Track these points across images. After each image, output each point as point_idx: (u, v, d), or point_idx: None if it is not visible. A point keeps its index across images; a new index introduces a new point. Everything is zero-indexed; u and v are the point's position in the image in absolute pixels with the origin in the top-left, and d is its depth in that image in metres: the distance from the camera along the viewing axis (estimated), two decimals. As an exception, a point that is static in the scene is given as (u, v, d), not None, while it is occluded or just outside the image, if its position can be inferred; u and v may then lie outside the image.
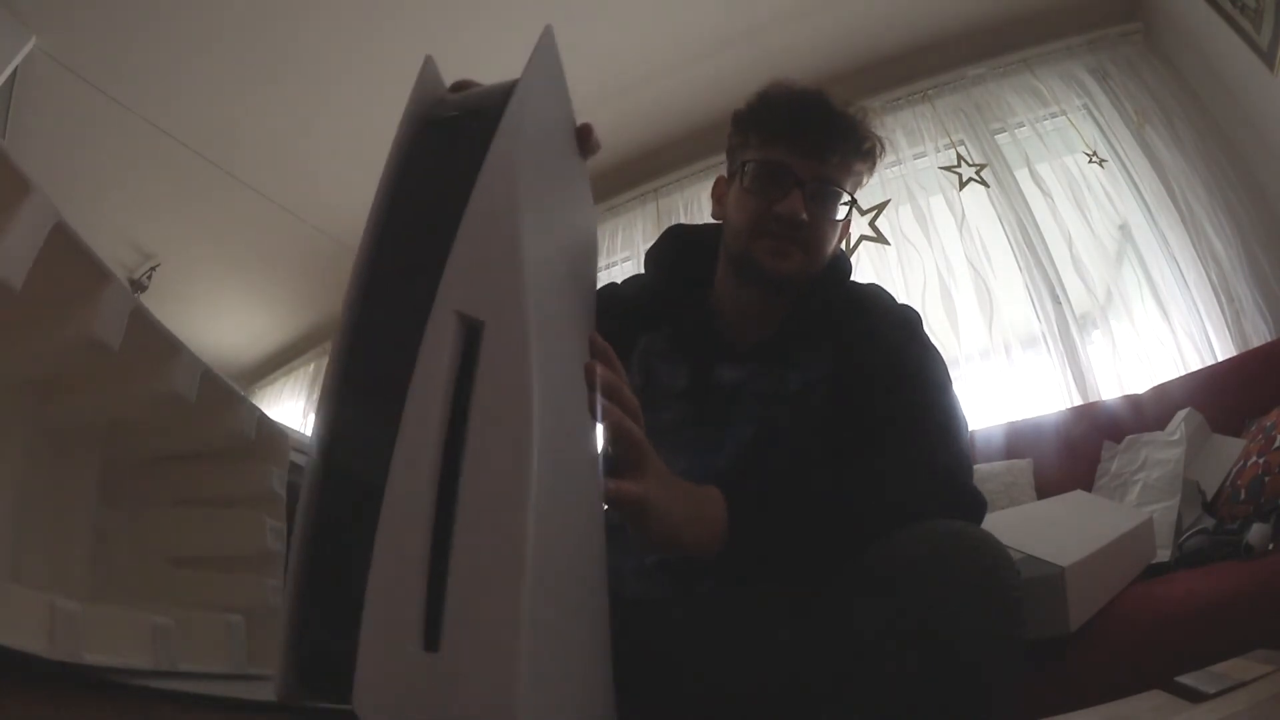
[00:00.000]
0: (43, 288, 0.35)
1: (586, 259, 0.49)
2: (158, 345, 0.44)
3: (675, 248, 0.85)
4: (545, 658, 0.26)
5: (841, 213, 0.76)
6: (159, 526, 0.51)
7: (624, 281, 0.90)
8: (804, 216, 0.72)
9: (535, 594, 0.25)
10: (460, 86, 0.48)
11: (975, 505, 0.64)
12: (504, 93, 0.32)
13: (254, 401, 0.55)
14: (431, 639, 0.24)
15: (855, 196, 0.78)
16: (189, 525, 0.53)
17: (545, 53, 0.37)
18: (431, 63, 0.38)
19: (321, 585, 0.25)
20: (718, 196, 0.83)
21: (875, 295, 0.81)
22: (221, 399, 0.50)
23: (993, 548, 0.53)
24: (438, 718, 0.23)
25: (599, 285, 0.68)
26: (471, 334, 0.26)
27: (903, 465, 0.64)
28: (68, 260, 0.36)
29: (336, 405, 0.27)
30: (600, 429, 0.44)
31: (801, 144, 0.73)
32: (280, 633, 0.26)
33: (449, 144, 0.33)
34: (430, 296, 0.26)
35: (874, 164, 0.78)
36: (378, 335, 0.28)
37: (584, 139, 0.53)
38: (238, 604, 0.50)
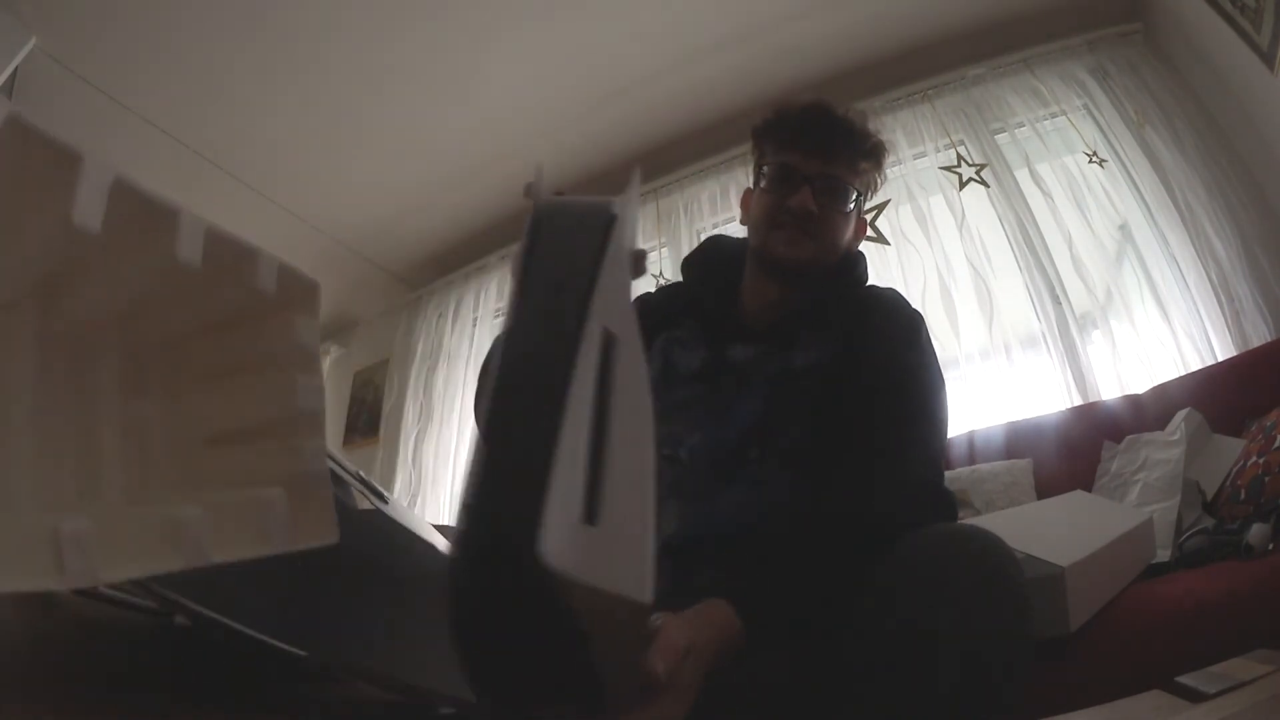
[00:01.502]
0: (6, 186, 0.32)
1: None
2: (150, 215, 0.39)
3: (709, 254, 0.93)
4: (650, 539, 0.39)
5: (850, 206, 0.83)
6: (187, 407, 0.47)
7: (656, 290, 0.98)
8: (813, 208, 0.80)
9: (652, 495, 0.39)
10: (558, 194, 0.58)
11: (950, 510, 0.70)
12: (608, 204, 0.45)
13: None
14: (591, 517, 0.33)
15: (865, 193, 0.86)
16: (216, 399, 0.48)
17: (634, 190, 0.49)
18: (540, 170, 0.49)
19: (499, 485, 0.33)
20: (744, 205, 0.92)
21: (886, 297, 0.86)
22: (235, 255, 0.45)
23: (998, 548, 0.53)
24: (594, 570, 0.32)
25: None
26: (609, 341, 0.39)
27: (887, 481, 0.68)
28: (29, 150, 0.33)
29: (507, 384, 0.37)
30: None
31: (808, 146, 0.82)
32: (457, 528, 0.32)
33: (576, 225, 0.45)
34: (578, 316, 0.38)
35: (879, 162, 0.86)
36: (542, 338, 0.38)
37: (638, 261, 0.60)
38: (276, 475, 0.45)
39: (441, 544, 0.69)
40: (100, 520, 0.33)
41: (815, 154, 0.81)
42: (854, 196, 0.83)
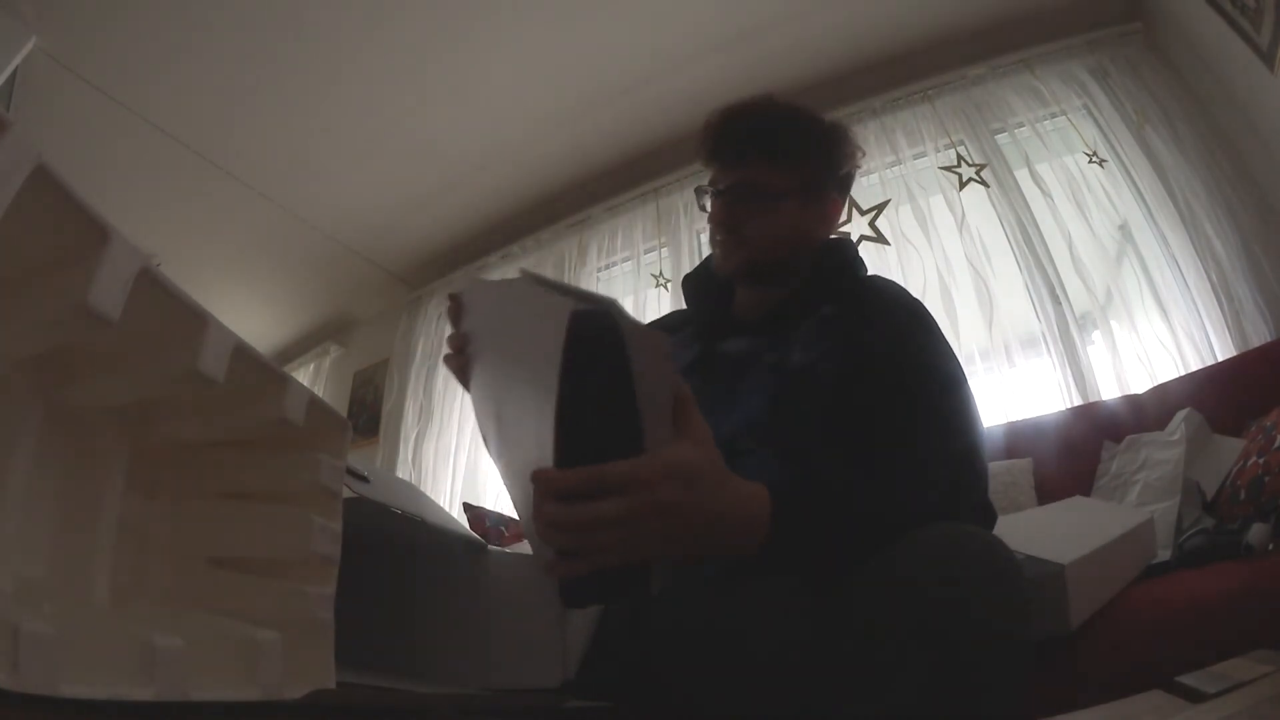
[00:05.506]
0: (26, 247, 0.30)
1: None
2: (176, 316, 0.37)
3: (705, 268, 0.92)
4: None
5: (776, 200, 0.80)
6: (195, 521, 0.45)
7: (664, 315, 1.02)
8: (723, 219, 0.80)
9: None
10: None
11: (985, 518, 0.67)
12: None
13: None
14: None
15: (805, 178, 0.82)
16: (225, 521, 0.46)
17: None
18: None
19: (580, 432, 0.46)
20: None
21: (884, 288, 0.85)
22: (261, 379, 0.43)
23: (1000, 551, 0.53)
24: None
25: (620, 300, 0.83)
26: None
27: (913, 477, 0.65)
28: (55, 213, 0.30)
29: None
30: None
31: (719, 158, 0.83)
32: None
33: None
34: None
35: (808, 135, 0.82)
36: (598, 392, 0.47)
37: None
38: (277, 615, 0.42)
39: (434, 510, 0.68)
40: (75, 620, 0.30)
41: (726, 163, 0.82)
42: (776, 191, 0.80)
